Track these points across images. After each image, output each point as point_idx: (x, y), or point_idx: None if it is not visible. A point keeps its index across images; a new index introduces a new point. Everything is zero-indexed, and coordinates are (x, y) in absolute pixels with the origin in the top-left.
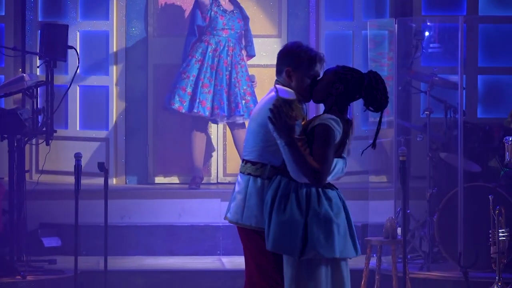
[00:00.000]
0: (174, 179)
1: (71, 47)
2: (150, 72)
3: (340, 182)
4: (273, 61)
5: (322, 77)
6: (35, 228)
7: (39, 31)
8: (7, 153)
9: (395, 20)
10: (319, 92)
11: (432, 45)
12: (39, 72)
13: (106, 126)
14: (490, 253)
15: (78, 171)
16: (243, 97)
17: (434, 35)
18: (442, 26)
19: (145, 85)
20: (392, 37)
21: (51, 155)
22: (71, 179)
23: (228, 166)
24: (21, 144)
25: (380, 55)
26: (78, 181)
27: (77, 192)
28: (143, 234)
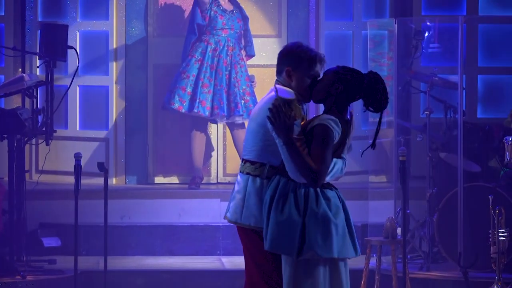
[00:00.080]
0: (174, 179)
1: (71, 47)
2: (150, 72)
3: (339, 182)
4: (272, 61)
5: (322, 77)
6: (35, 228)
7: (39, 31)
8: (7, 153)
9: (395, 20)
10: (319, 92)
11: (432, 45)
12: (39, 72)
13: (106, 126)
14: (490, 253)
15: (78, 171)
16: (242, 97)
17: (434, 35)
18: (442, 26)
19: (145, 85)
20: (392, 37)
21: (51, 155)
22: (71, 179)
23: (228, 166)
24: (21, 144)
25: (379, 55)
26: (78, 181)
27: (77, 192)
28: (143, 234)
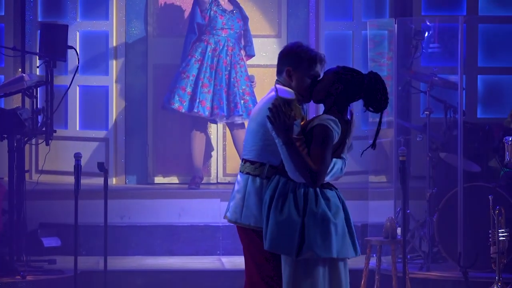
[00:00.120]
0: (174, 179)
1: (71, 47)
2: (150, 72)
3: (339, 182)
4: (272, 61)
5: (322, 77)
6: (35, 228)
7: (39, 31)
8: (7, 153)
9: (394, 20)
10: (319, 92)
11: (432, 45)
12: (39, 72)
13: (105, 126)
14: (490, 253)
15: (77, 171)
16: (242, 97)
17: (434, 35)
18: (442, 26)
19: (144, 85)
20: (392, 37)
21: (51, 155)
22: (70, 179)
23: (227, 166)
24: (21, 144)
25: (379, 55)
26: (77, 181)
27: (77, 192)
28: (143, 234)
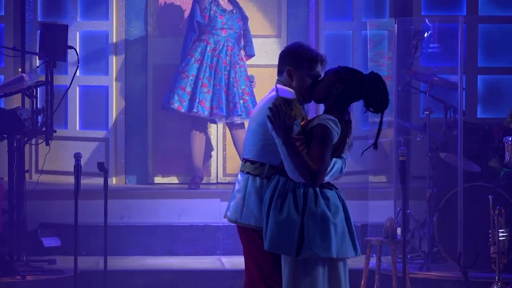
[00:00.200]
0: (174, 179)
1: (71, 47)
2: (149, 72)
3: (339, 182)
4: (272, 61)
5: (323, 77)
6: (34, 228)
7: (39, 31)
8: (6, 153)
9: (394, 20)
10: (319, 92)
11: (431, 45)
12: (39, 72)
13: (105, 126)
14: (490, 253)
15: (77, 171)
16: (241, 97)
17: (434, 35)
18: (442, 26)
19: (144, 85)
20: (392, 37)
21: (50, 155)
22: (70, 179)
23: (227, 166)
24: (21, 144)
25: (379, 55)
26: (77, 181)
27: (77, 192)
28: (143, 234)
